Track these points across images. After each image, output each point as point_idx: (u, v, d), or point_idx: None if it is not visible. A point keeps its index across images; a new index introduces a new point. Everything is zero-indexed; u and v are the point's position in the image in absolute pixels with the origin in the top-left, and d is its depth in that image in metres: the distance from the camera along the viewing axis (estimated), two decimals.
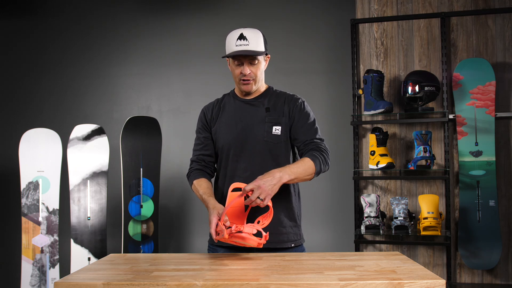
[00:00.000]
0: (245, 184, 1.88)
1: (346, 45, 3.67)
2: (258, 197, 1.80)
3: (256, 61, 2.01)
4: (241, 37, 1.98)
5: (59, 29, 4.10)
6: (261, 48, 2.01)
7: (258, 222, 1.85)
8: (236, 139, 2.05)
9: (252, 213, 1.94)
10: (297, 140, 2.06)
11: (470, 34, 3.48)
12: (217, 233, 1.80)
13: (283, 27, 3.81)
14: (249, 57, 1.99)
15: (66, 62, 4.07)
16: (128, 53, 4.04)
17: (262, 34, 2.04)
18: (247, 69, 2.01)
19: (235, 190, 1.93)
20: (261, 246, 1.76)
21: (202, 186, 2.02)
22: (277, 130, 2.04)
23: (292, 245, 2.05)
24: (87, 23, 4.09)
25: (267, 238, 1.76)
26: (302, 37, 3.85)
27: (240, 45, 1.97)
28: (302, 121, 2.06)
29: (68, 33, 4.09)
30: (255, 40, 1.99)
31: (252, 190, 1.81)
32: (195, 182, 2.07)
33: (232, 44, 1.99)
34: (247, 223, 1.90)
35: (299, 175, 1.91)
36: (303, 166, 1.93)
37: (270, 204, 1.84)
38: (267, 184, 1.81)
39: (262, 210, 1.92)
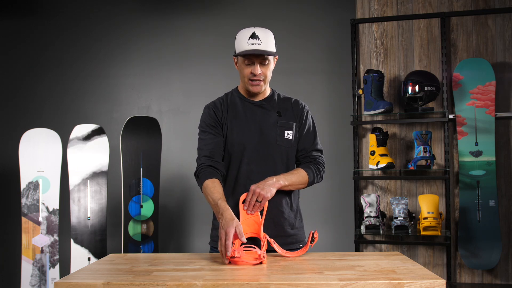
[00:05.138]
0: None
1: (346, 45, 3.67)
2: (256, 200, 1.88)
3: (267, 61, 1.98)
4: (253, 36, 1.94)
5: (59, 29, 4.10)
6: (272, 48, 1.98)
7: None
8: (250, 141, 2.02)
9: (267, 219, 1.95)
10: (297, 148, 2.10)
11: (470, 34, 3.48)
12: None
13: (283, 27, 3.81)
14: (260, 57, 1.96)
15: (66, 62, 4.07)
16: (128, 53, 4.04)
17: (273, 34, 2.01)
18: (258, 69, 1.97)
19: (245, 200, 1.93)
20: (262, 263, 1.74)
21: (217, 190, 1.92)
22: (289, 134, 2.05)
23: (301, 245, 2.05)
24: (87, 23, 4.09)
25: (265, 256, 1.73)
26: (302, 37, 3.85)
27: (252, 44, 1.93)
28: (306, 131, 2.10)
29: (68, 33, 4.09)
30: (266, 39, 1.95)
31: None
32: (208, 182, 1.94)
33: (244, 42, 1.95)
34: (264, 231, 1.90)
35: (293, 183, 1.99)
36: (297, 175, 2.01)
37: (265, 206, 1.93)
38: (261, 187, 1.88)
39: (276, 217, 2.01)
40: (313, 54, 3.84)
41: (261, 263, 1.70)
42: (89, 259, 3.42)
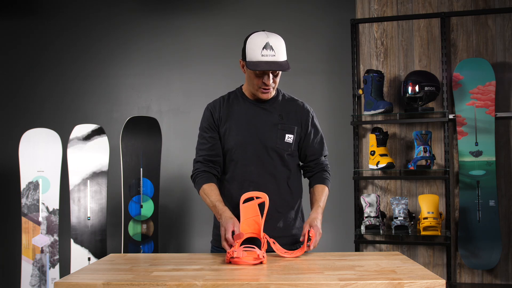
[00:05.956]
0: (256, 193, 1.93)
1: (346, 45, 3.67)
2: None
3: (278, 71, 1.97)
4: (267, 46, 1.89)
5: (59, 29, 4.10)
6: (285, 56, 1.94)
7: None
8: (248, 143, 2.01)
9: (267, 220, 1.94)
10: (306, 154, 2.10)
11: (470, 34, 3.48)
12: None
13: (283, 27, 3.80)
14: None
15: (66, 62, 4.07)
16: (128, 53, 4.04)
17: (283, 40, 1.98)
18: (270, 80, 1.95)
19: (246, 201, 1.92)
20: (263, 263, 1.73)
21: (214, 193, 1.97)
22: (289, 138, 2.03)
23: (301, 246, 2.06)
24: (87, 23, 4.09)
25: (265, 256, 1.73)
26: (302, 37, 3.85)
27: (267, 55, 1.88)
28: (314, 136, 2.10)
29: (68, 33, 4.09)
30: (280, 50, 1.91)
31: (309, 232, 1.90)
32: (205, 186, 1.99)
33: (257, 52, 1.89)
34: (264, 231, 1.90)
35: (325, 202, 2.08)
36: (326, 195, 2.08)
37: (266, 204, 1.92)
38: (317, 226, 1.92)
39: (276, 218, 2.01)
40: (313, 54, 3.84)
41: (261, 263, 1.70)
42: (89, 259, 3.42)
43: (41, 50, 4.10)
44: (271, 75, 1.95)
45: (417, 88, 3.28)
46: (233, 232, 1.83)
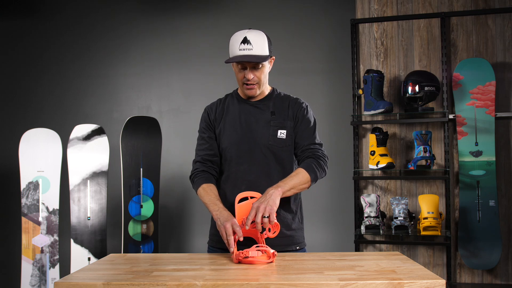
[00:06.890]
0: (251, 193, 1.91)
1: (346, 45, 3.67)
2: (263, 217, 1.76)
3: (260, 66, 1.97)
4: (245, 40, 1.92)
5: (59, 29, 4.10)
6: (265, 52, 1.95)
7: (269, 230, 1.84)
8: (240, 142, 2.02)
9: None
10: (296, 144, 2.06)
11: (470, 34, 3.48)
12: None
13: (283, 27, 3.81)
14: (252, 62, 1.95)
15: (66, 62, 4.07)
16: (128, 53, 4.04)
17: (267, 36, 1.99)
18: (250, 75, 1.97)
19: (241, 200, 1.91)
20: (272, 261, 1.71)
21: (214, 193, 1.97)
22: (282, 134, 2.03)
23: (297, 247, 2.05)
24: (87, 23, 4.09)
25: (276, 254, 1.71)
26: (302, 37, 3.85)
27: (244, 49, 1.92)
28: (303, 126, 2.05)
29: (68, 33, 4.09)
30: (259, 44, 1.93)
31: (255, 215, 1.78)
32: (204, 186, 2.00)
33: (236, 47, 1.93)
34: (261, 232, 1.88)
35: (295, 185, 1.91)
36: (297, 177, 1.92)
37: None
38: (265, 202, 1.79)
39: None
40: (313, 54, 3.84)
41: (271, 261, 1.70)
42: (89, 259, 3.42)
43: (41, 50, 4.10)
44: (251, 70, 1.97)
45: (417, 88, 3.28)
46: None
